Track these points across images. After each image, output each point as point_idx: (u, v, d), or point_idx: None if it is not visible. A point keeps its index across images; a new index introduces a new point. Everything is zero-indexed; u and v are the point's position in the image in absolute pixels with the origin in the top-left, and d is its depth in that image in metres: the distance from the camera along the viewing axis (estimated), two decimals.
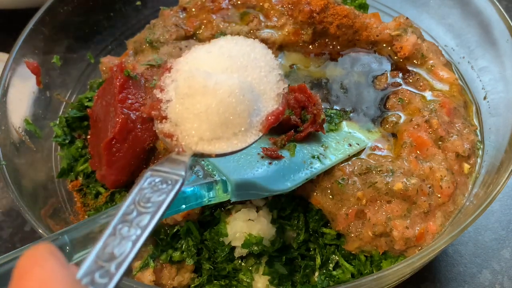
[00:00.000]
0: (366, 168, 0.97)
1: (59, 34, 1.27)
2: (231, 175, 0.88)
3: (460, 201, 1.00)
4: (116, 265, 0.56)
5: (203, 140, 0.77)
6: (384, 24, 1.18)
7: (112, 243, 0.58)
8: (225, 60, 0.82)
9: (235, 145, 0.79)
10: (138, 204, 0.64)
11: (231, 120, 0.77)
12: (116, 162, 1.01)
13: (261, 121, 0.81)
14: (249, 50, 0.85)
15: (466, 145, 1.03)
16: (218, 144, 0.78)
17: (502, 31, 1.11)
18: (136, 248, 0.58)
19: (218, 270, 1.01)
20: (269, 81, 0.84)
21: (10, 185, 0.99)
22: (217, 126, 0.77)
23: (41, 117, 1.18)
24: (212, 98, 0.75)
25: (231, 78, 0.78)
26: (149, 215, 0.63)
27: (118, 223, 0.61)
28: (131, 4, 1.40)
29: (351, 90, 1.12)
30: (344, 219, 0.96)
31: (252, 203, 1.00)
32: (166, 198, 0.66)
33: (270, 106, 0.83)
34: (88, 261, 0.56)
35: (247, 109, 0.78)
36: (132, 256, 0.57)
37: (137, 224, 0.61)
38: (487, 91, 1.14)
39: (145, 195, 0.66)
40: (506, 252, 1.17)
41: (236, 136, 0.79)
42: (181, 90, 0.78)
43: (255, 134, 0.81)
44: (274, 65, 0.86)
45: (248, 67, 0.82)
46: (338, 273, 0.99)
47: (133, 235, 0.59)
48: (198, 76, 0.76)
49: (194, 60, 0.83)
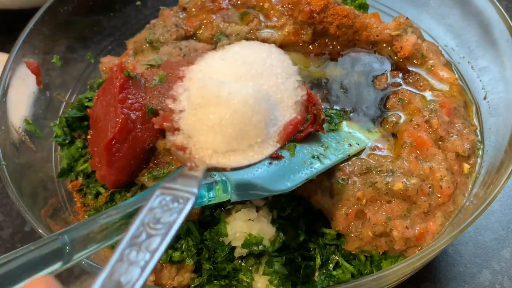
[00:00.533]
0: (366, 168, 0.97)
1: (59, 34, 1.27)
2: (231, 175, 0.88)
3: (460, 201, 1.00)
4: None
5: (218, 153, 0.74)
6: (384, 24, 1.18)
7: (119, 269, 0.55)
8: (240, 68, 0.78)
9: (251, 158, 0.75)
10: (147, 225, 0.60)
11: (246, 132, 0.73)
12: (116, 162, 1.01)
13: (279, 131, 0.77)
14: (265, 56, 0.81)
15: (466, 145, 1.03)
16: (234, 156, 0.74)
17: (502, 31, 1.11)
18: (145, 275, 0.55)
19: (218, 270, 1.01)
20: (286, 88, 0.80)
21: (10, 185, 0.99)
22: (232, 138, 0.73)
23: (41, 117, 1.18)
24: (226, 109, 0.72)
25: (245, 86, 0.74)
26: (159, 237, 0.59)
27: (125, 247, 0.57)
28: (131, 4, 1.40)
29: (351, 90, 1.12)
30: (344, 219, 0.96)
31: (252, 203, 1.00)
32: (177, 219, 0.62)
33: (288, 115, 0.79)
34: None
35: (263, 120, 0.74)
36: (140, 284, 0.54)
37: (146, 248, 0.57)
38: (487, 91, 1.14)
39: (155, 215, 0.62)
40: (506, 252, 1.17)
41: (252, 148, 0.75)
42: (194, 100, 0.74)
43: (272, 146, 0.77)
44: (291, 71, 0.82)
45: (263, 74, 0.79)
46: (338, 273, 0.99)
47: (142, 260, 0.56)
48: (211, 86, 0.73)
49: (207, 68, 0.80)
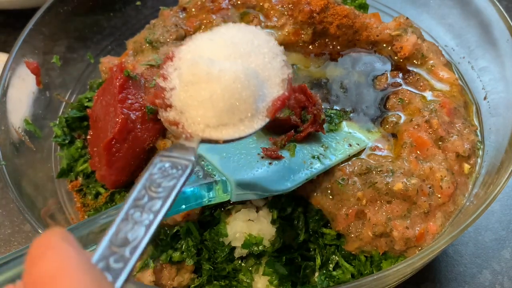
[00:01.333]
0: (366, 168, 0.97)
1: (59, 34, 1.27)
2: (231, 175, 0.88)
3: (460, 201, 1.00)
4: (130, 250, 0.55)
5: (210, 127, 0.77)
6: (384, 24, 1.18)
7: (124, 228, 0.57)
8: (228, 47, 0.81)
9: (242, 131, 0.78)
10: (149, 189, 0.63)
11: (237, 106, 0.76)
12: (116, 162, 1.01)
13: (267, 106, 0.80)
14: (251, 37, 0.84)
15: (466, 145, 1.02)
16: (225, 130, 0.77)
17: (502, 31, 1.11)
18: (149, 233, 0.57)
19: (218, 270, 1.00)
20: (273, 67, 0.83)
21: (9, 185, 0.99)
22: (223, 112, 0.76)
23: (41, 117, 1.18)
24: (216, 84, 0.75)
25: (235, 64, 0.78)
26: (160, 200, 0.62)
27: (130, 207, 0.60)
28: (131, 4, 1.40)
29: (351, 90, 1.12)
30: (344, 219, 0.96)
31: (252, 203, 1.00)
32: (177, 183, 0.65)
33: (275, 92, 0.82)
34: (101, 247, 0.55)
35: (252, 95, 0.78)
36: (146, 240, 0.56)
37: (149, 209, 0.60)
38: (487, 91, 1.14)
39: (155, 180, 0.65)
40: (506, 252, 1.17)
41: (242, 122, 0.78)
42: (185, 78, 0.77)
43: (261, 120, 0.80)
44: (277, 51, 0.85)
45: (251, 54, 0.82)
46: (338, 273, 0.99)
47: (146, 219, 0.59)
48: (201, 63, 0.76)
49: (197, 48, 0.83)
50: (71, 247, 0.47)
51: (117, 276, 0.52)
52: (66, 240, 0.48)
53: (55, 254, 0.45)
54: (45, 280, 0.44)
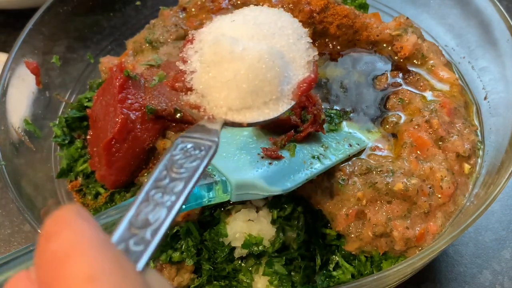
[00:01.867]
0: (366, 169, 0.97)
1: (59, 34, 1.26)
2: (231, 175, 0.88)
3: (460, 202, 1.00)
4: (151, 232, 0.51)
5: (232, 110, 0.73)
6: (384, 24, 1.18)
7: (145, 209, 0.54)
8: (251, 28, 0.78)
9: (267, 114, 0.75)
10: (170, 170, 0.60)
11: (261, 88, 0.73)
12: (116, 162, 1.01)
13: (293, 89, 0.77)
14: (275, 18, 0.81)
15: (466, 145, 1.02)
16: (249, 113, 0.74)
17: (503, 31, 1.11)
18: (172, 214, 0.54)
19: (218, 270, 1.00)
20: (298, 48, 0.80)
21: (9, 185, 0.99)
22: (247, 94, 0.73)
23: (40, 117, 1.18)
24: (240, 64, 0.72)
25: (259, 44, 0.75)
26: (183, 181, 0.59)
27: (150, 189, 0.57)
28: (130, 4, 1.40)
29: (351, 90, 1.12)
30: (344, 220, 0.96)
31: (252, 203, 1.00)
32: (201, 164, 0.62)
33: (301, 74, 0.79)
34: (120, 228, 0.51)
35: (277, 76, 0.74)
36: (168, 222, 0.53)
37: (171, 190, 0.57)
38: (487, 91, 1.14)
39: (177, 161, 0.62)
40: (506, 252, 1.17)
41: (267, 105, 0.75)
42: (206, 58, 0.74)
43: (286, 103, 0.77)
44: (302, 33, 0.82)
45: (275, 35, 0.79)
46: (338, 273, 0.99)
47: (168, 201, 0.55)
48: (224, 42, 0.73)
49: (218, 30, 0.80)
50: (87, 224, 0.43)
51: (138, 259, 0.48)
52: (82, 216, 0.44)
53: (70, 231, 0.41)
54: (58, 259, 0.40)
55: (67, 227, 0.42)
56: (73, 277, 0.38)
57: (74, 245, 0.40)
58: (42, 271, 0.41)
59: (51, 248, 0.41)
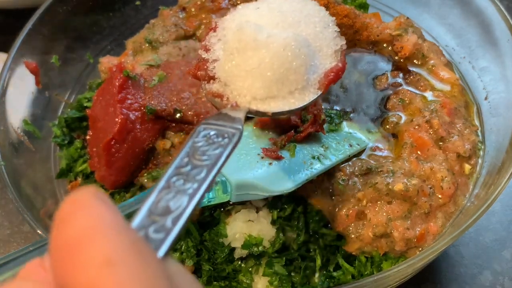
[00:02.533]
0: (366, 169, 0.97)
1: (58, 34, 1.26)
2: (231, 175, 0.88)
3: (461, 202, 0.99)
4: (172, 220, 0.49)
5: (256, 100, 0.72)
6: (385, 24, 1.17)
7: (166, 196, 0.51)
8: (276, 16, 0.76)
9: (293, 104, 0.73)
10: (192, 157, 0.58)
11: (286, 76, 0.71)
12: (116, 163, 1.01)
13: (319, 78, 0.75)
14: (300, 6, 0.79)
15: (467, 146, 1.02)
16: (274, 103, 0.72)
17: (503, 31, 1.11)
18: (194, 202, 0.51)
19: (218, 271, 1.00)
20: (325, 37, 0.78)
21: (9, 186, 0.99)
22: (272, 83, 0.71)
23: (40, 118, 1.18)
24: (265, 52, 0.70)
25: (284, 31, 0.72)
26: (205, 169, 0.56)
27: (172, 175, 0.54)
28: (130, 4, 1.39)
29: (351, 91, 1.12)
30: (344, 220, 0.96)
31: (252, 203, 1.00)
32: (224, 151, 0.60)
33: (328, 63, 0.77)
34: (140, 215, 0.48)
35: (304, 65, 0.72)
36: (190, 210, 0.50)
37: (193, 177, 0.55)
38: (488, 91, 1.14)
39: (199, 148, 0.60)
40: (507, 253, 1.17)
41: (292, 94, 0.73)
42: (230, 45, 0.72)
43: (313, 93, 0.75)
44: (329, 21, 0.81)
45: (301, 23, 0.77)
46: (338, 274, 0.98)
47: (190, 188, 0.53)
48: (248, 29, 0.70)
49: (242, 17, 0.77)
50: (106, 207, 0.41)
51: (158, 247, 0.46)
52: (101, 199, 0.41)
53: (87, 214, 0.39)
54: (74, 243, 0.37)
55: (84, 210, 0.40)
56: (90, 262, 0.36)
57: (91, 229, 0.38)
58: (57, 256, 0.39)
59: (67, 232, 0.39)
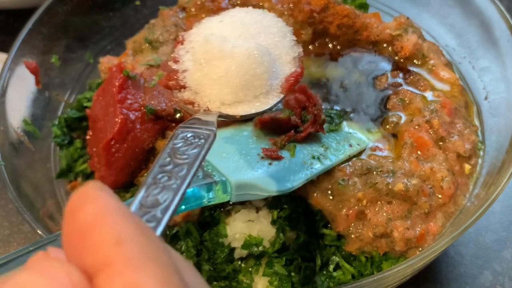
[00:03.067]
0: (366, 169, 0.97)
1: (58, 34, 1.26)
2: (231, 176, 0.88)
3: (461, 202, 0.99)
4: (161, 211, 0.55)
5: (225, 105, 0.78)
6: (385, 24, 1.17)
7: (153, 191, 0.58)
8: (238, 28, 0.83)
9: (258, 107, 0.80)
10: (173, 156, 0.64)
11: (251, 83, 0.78)
12: (115, 163, 1.01)
13: (281, 83, 0.82)
14: (260, 18, 0.86)
15: (467, 146, 1.02)
16: (241, 107, 0.79)
17: (503, 31, 1.11)
18: (178, 196, 0.58)
19: (217, 271, 1.00)
20: (283, 45, 0.85)
21: (9, 186, 0.98)
22: (238, 89, 0.77)
23: (40, 118, 1.18)
24: (231, 61, 0.76)
25: (247, 42, 0.79)
26: (186, 166, 0.63)
27: (157, 173, 0.61)
28: (130, 4, 1.39)
29: (351, 91, 1.12)
30: (344, 220, 0.96)
31: (252, 203, 1.00)
32: (201, 151, 0.66)
33: (287, 69, 0.84)
34: (133, 208, 0.55)
35: (266, 71, 0.79)
36: (176, 202, 0.57)
37: (176, 174, 0.61)
38: (488, 91, 1.13)
39: (179, 148, 0.66)
40: (507, 253, 1.16)
41: (257, 98, 0.80)
42: (198, 56, 0.78)
43: (276, 96, 0.82)
44: (286, 31, 0.87)
45: (261, 34, 0.84)
46: (338, 274, 0.98)
47: (174, 184, 0.59)
48: (214, 41, 0.77)
49: (207, 30, 0.84)
50: (110, 197, 0.46)
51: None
52: (105, 191, 0.46)
53: (95, 203, 0.44)
54: (86, 228, 0.42)
55: (92, 199, 0.44)
56: (102, 242, 0.41)
57: (100, 215, 0.43)
58: (71, 240, 0.43)
59: (79, 219, 0.43)
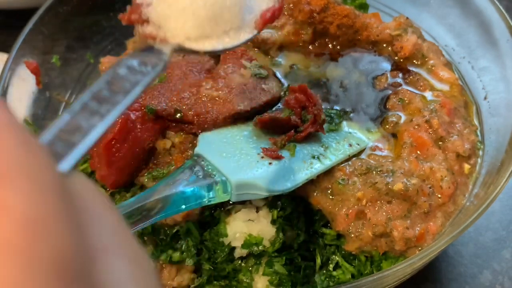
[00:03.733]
0: (366, 169, 0.97)
1: (59, 34, 1.26)
2: (231, 175, 0.88)
3: (460, 202, 1.00)
4: (81, 136, 0.49)
5: (190, 39, 0.70)
6: (385, 24, 1.18)
7: (78, 117, 0.50)
8: None
9: (227, 43, 0.72)
10: (111, 83, 0.57)
11: (220, 15, 0.70)
12: (116, 163, 1.01)
13: (255, 19, 0.74)
14: None
15: (466, 145, 1.02)
16: (208, 42, 0.71)
17: (503, 31, 1.11)
18: (106, 121, 0.51)
19: (218, 270, 1.00)
20: None
21: None
22: (204, 21, 0.69)
23: (40, 118, 1.18)
24: None
25: None
26: (122, 93, 0.56)
27: (88, 99, 0.53)
28: (130, 4, 1.39)
29: (351, 90, 1.12)
30: (344, 220, 0.96)
31: (252, 203, 1.00)
32: (144, 78, 0.59)
33: (264, 4, 0.76)
34: (48, 132, 0.47)
35: (237, 4, 0.71)
36: (101, 129, 0.50)
37: (108, 100, 0.54)
38: (487, 91, 1.14)
39: (119, 74, 0.59)
40: (506, 252, 1.17)
41: (227, 33, 0.72)
42: None
43: (249, 32, 0.74)
44: None
45: None
46: (338, 273, 0.99)
47: (104, 109, 0.52)
48: None
49: None
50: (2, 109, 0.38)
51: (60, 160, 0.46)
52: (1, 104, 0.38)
53: None
54: None
55: None
56: None
57: None
58: None
59: None
